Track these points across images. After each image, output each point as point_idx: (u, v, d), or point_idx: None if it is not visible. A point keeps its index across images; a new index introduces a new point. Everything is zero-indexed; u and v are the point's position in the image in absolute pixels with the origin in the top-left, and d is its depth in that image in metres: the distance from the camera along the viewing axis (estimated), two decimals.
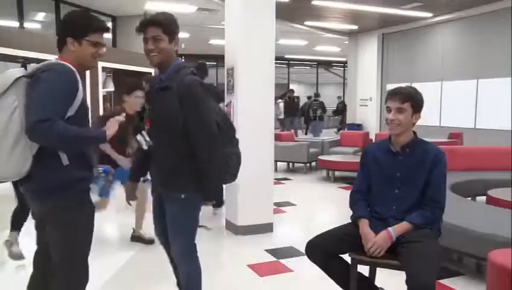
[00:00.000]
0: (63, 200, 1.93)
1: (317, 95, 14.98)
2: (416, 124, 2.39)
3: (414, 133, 2.43)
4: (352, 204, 2.52)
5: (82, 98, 1.95)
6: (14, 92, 1.83)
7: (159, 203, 2.42)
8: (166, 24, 2.18)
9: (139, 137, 2.24)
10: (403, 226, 2.28)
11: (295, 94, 15.11)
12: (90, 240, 2.05)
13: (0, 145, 1.79)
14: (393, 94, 2.35)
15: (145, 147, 2.24)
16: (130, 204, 2.71)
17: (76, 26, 1.96)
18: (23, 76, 1.88)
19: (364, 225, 2.36)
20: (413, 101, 2.33)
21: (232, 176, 2.43)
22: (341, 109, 16.19)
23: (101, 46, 2.02)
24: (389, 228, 2.28)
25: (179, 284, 2.58)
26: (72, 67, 1.93)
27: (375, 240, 2.27)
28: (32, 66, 1.94)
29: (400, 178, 2.38)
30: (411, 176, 2.36)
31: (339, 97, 17.07)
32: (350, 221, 2.49)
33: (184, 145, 2.21)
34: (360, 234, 2.35)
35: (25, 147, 1.82)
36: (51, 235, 1.98)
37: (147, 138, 2.23)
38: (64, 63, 1.93)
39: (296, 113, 14.36)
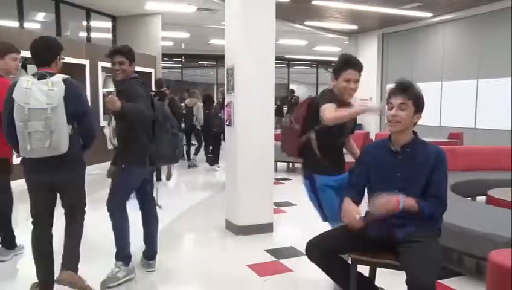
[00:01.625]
0: (81, 172, 2.87)
1: None
2: (417, 124, 2.38)
3: (415, 133, 2.43)
4: (344, 192, 2.52)
5: None
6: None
7: None
8: (128, 53, 3.16)
9: None
10: (411, 201, 2.25)
11: (295, 94, 15.19)
12: None
13: (63, 130, 2.58)
14: (396, 90, 2.33)
15: None
16: None
17: None
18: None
19: (348, 201, 2.39)
20: (415, 99, 2.31)
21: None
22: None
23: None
24: (400, 196, 2.24)
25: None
26: None
27: (382, 199, 2.24)
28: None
29: (400, 178, 2.37)
30: (411, 176, 2.35)
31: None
32: None
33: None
34: (360, 234, 2.33)
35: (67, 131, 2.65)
36: (71, 194, 2.84)
37: None
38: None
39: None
